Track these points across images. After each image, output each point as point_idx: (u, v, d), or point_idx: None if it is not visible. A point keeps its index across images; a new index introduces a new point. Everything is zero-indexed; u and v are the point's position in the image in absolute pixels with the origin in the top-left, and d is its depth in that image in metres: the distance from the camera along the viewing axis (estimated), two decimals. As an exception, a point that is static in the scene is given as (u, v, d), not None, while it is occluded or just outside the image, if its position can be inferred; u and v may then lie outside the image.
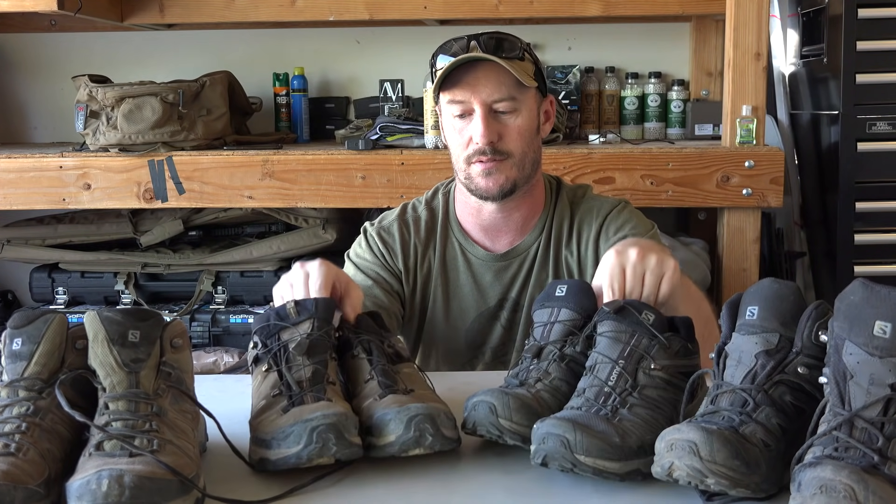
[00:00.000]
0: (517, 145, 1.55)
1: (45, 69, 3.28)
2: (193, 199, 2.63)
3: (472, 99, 1.52)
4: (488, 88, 1.52)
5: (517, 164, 1.56)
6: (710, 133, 2.92)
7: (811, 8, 2.80)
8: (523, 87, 1.54)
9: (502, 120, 1.54)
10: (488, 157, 1.54)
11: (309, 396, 1.06)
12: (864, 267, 2.62)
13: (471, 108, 1.53)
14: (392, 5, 2.88)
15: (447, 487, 1.02)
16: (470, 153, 1.55)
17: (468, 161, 1.56)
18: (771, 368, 0.97)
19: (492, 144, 1.53)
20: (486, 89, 1.52)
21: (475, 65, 1.52)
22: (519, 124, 1.55)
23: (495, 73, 1.51)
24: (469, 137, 1.55)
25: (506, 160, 1.55)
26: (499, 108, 1.54)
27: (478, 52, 1.51)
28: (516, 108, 1.54)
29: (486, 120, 1.52)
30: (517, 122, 1.55)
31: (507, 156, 1.55)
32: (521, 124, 1.55)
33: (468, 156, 1.56)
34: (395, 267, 1.66)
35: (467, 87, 1.52)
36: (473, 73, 1.52)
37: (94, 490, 0.87)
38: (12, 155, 2.68)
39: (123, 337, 1.00)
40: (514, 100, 1.54)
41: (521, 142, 1.56)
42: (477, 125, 1.52)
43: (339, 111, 3.20)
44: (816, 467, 0.84)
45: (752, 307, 1.01)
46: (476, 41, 1.52)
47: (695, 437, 0.90)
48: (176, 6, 2.93)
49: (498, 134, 1.54)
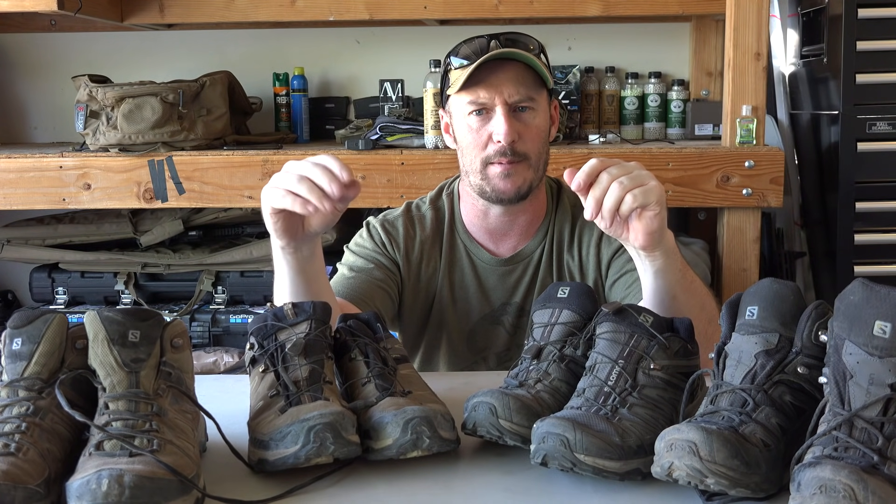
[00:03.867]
0: (534, 146, 1.55)
1: (45, 69, 3.28)
2: (193, 199, 2.63)
3: (495, 98, 1.51)
4: (510, 88, 1.51)
5: (533, 165, 1.56)
6: (710, 133, 2.92)
7: (811, 8, 2.80)
8: (539, 87, 1.54)
9: (523, 119, 1.54)
10: (508, 158, 1.53)
11: (306, 396, 1.06)
12: (864, 267, 2.62)
13: (491, 108, 1.52)
14: (392, 5, 2.88)
15: (447, 488, 1.02)
16: (490, 154, 1.54)
17: (485, 162, 1.55)
18: (771, 368, 0.97)
19: (512, 144, 1.52)
20: (507, 89, 1.51)
21: (496, 64, 1.51)
22: (537, 124, 1.55)
23: (515, 72, 1.51)
24: (488, 136, 1.53)
25: (522, 162, 1.55)
26: (518, 107, 1.53)
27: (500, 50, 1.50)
28: (535, 108, 1.55)
29: (508, 118, 1.51)
30: (536, 122, 1.55)
31: (524, 157, 1.54)
32: (539, 124, 1.56)
33: (487, 157, 1.55)
34: (394, 256, 1.65)
35: (490, 87, 1.51)
36: (495, 73, 1.51)
37: (94, 490, 0.87)
38: (12, 155, 2.68)
39: (124, 337, 1.00)
40: (533, 100, 1.54)
41: (538, 142, 1.56)
42: (500, 123, 1.51)
43: (339, 111, 3.20)
44: (816, 467, 0.84)
45: (752, 307, 1.01)
46: (496, 40, 1.51)
47: (694, 436, 0.90)
48: (176, 6, 2.93)
49: (518, 133, 1.53)
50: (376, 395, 1.10)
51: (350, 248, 1.68)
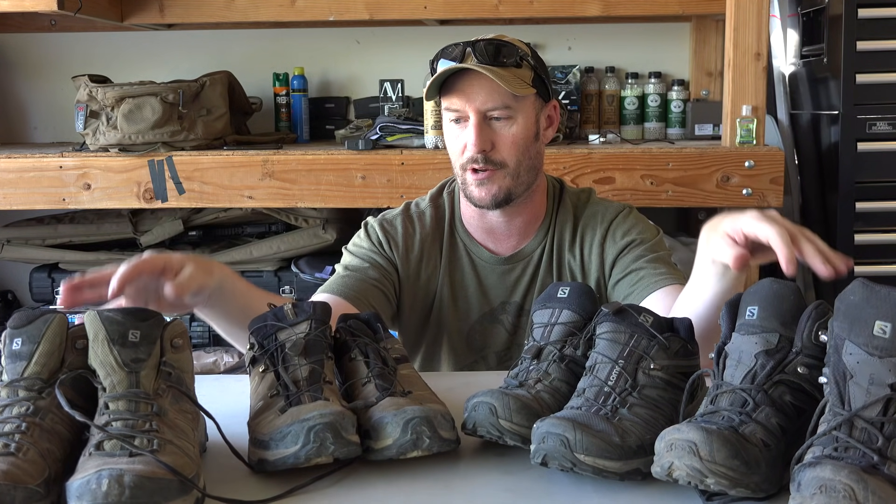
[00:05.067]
0: (511, 154, 1.55)
1: (45, 69, 3.28)
2: (193, 199, 2.63)
3: (467, 107, 1.52)
4: (482, 96, 1.52)
5: (511, 173, 1.55)
6: (710, 133, 2.92)
7: (811, 8, 2.80)
8: (520, 93, 1.53)
9: (496, 128, 1.54)
10: (481, 166, 1.54)
11: (306, 396, 1.06)
12: (864, 267, 2.62)
13: (466, 116, 1.53)
14: (392, 5, 2.88)
15: (447, 488, 1.02)
16: (464, 161, 1.56)
17: (463, 168, 1.57)
18: (771, 368, 0.97)
19: (484, 153, 1.53)
20: (479, 97, 1.52)
21: (470, 72, 1.51)
22: (514, 133, 1.54)
23: (489, 80, 1.50)
24: (464, 144, 1.55)
25: (499, 170, 1.55)
26: (493, 116, 1.53)
27: (472, 60, 1.50)
28: (511, 116, 1.54)
29: (478, 128, 1.52)
30: (511, 131, 1.54)
31: (500, 166, 1.55)
32: (516, 133, 1.55)
33: (463, 163, 1.56)
34: (391, 255, 1.65)
35: (462, 95, 1.52)
36: (468, 81, 1.52)
37: (94, 490, 0.87)
38: (12, 155, 2.68)
39: (124, 337, 1.00)
40: (509, 108, 1.53)
41: (515, 151, 1.55)
42: (470, 133, 1.53)
43: (339, 111, 3.20)
44: (816, 467, 0.84)
45: (752, 307, 1.01)
46: (472, 48, 1.51)
47: (694, 436, 0.90)
48: (176, 6, 2.93)
49: (491, 143, 1.53)
50: (376, 395, 1.10)
51: (348, 248, 1.69)
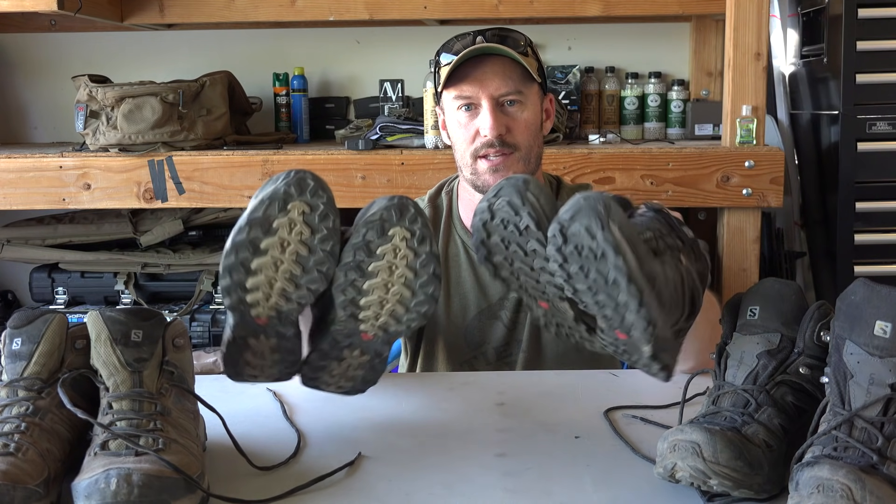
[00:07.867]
0: (524, 138, 1.57)
1: (45, 69, 3.28)
2: (193, 199, 2.63)
3: (480, 93, 1.54)
4: (496, 82, 1.53)
5: (524, 157, 1.57)
6: (710, 133, 2.92)
7: (811, 8, 2.80)
8: (528, 81, 1.55)
9: (510, 113, 1.56)
10: (496, 149, 1.54)
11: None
12: (865, 267, 2.62)
13: (478, 103, 1.54)
14: (392, 5, 2.88)
15: (447, 488, 1.02)
16: (477, 146, 1.56)
17: (475, 156, 1.57)
18: (773, 369, 0.97)
19: (500, 137, 1.54)
20: (493, 83, 1.53)
21: (482, 59, 1.53)
22: (526, 117, 1.57)
23: (501, 67, 1.52)
24: (475, 131, 1.56)
25: (513, 154, 1.56)
26: (506, 101, 1.55)
27: (481, 45, 1.52)
28: (522, 102, 1.56)
29: (494, 112, 1.53)
30: (524, 116, 1.56)
31: (515, 149, 1.56)
32: (528, 118, 1.57)
33: (475, 150, 1.56)
34: None
35: (475, 82, 1.53)
36: (480, 68, 1.53)
37: (102, 489, 0.87)
38: (12, 155, 2.68)
39: (126, 337, 1.01)
40: (521, 93, 1.55)
41: (528, 135, 1.57)
42: (485, 118, 1.53)
43: (339, 111, 3.20)
44: (814, 467, 0.84)
45: (754, 307, 1.01)
46: (482, 35, 1.53)
47: (698, 437, 0.90)
48: (176, 6, 2.93)
49: (506, 127, 1.55)
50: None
51: None
